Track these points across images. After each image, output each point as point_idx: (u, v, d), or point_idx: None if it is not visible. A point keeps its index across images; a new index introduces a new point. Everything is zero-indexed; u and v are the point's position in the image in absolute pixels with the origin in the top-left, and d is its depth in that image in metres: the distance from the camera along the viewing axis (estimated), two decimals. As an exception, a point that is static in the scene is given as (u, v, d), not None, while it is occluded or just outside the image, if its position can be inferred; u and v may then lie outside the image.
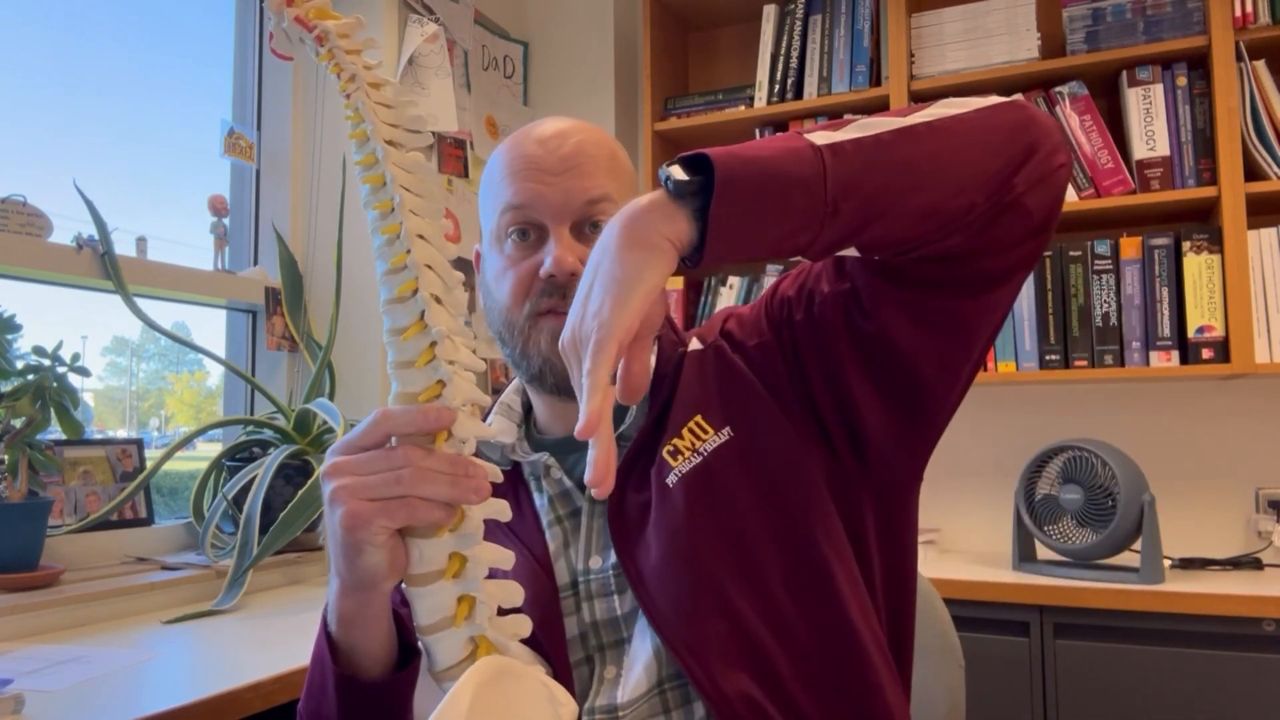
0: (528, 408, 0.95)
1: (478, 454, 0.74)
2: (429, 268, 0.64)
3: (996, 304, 0.76)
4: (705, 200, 0.64)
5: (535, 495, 0.90)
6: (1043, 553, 1.97)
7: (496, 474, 0.64)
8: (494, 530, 0.81)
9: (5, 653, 1.22)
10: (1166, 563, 1.90)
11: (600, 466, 0.60)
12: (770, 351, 0.84)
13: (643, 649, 0.80)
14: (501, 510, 0.64)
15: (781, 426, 0.82)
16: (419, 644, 0.63)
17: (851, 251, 0.72)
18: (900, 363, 0.77)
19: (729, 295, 2.33)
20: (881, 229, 0.68)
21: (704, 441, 0.82)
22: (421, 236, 0.65)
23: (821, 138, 0.66)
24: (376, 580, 0.64)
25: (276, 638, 1.32)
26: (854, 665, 0.79)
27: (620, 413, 0.88)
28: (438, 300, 0.64)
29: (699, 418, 0.84)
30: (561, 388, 0.86)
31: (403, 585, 0.64)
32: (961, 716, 1.12)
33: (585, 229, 0.85)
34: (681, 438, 0.83)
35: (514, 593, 0.64)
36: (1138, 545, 1.76)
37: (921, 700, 1.09)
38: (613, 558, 0.83)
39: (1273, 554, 2.00)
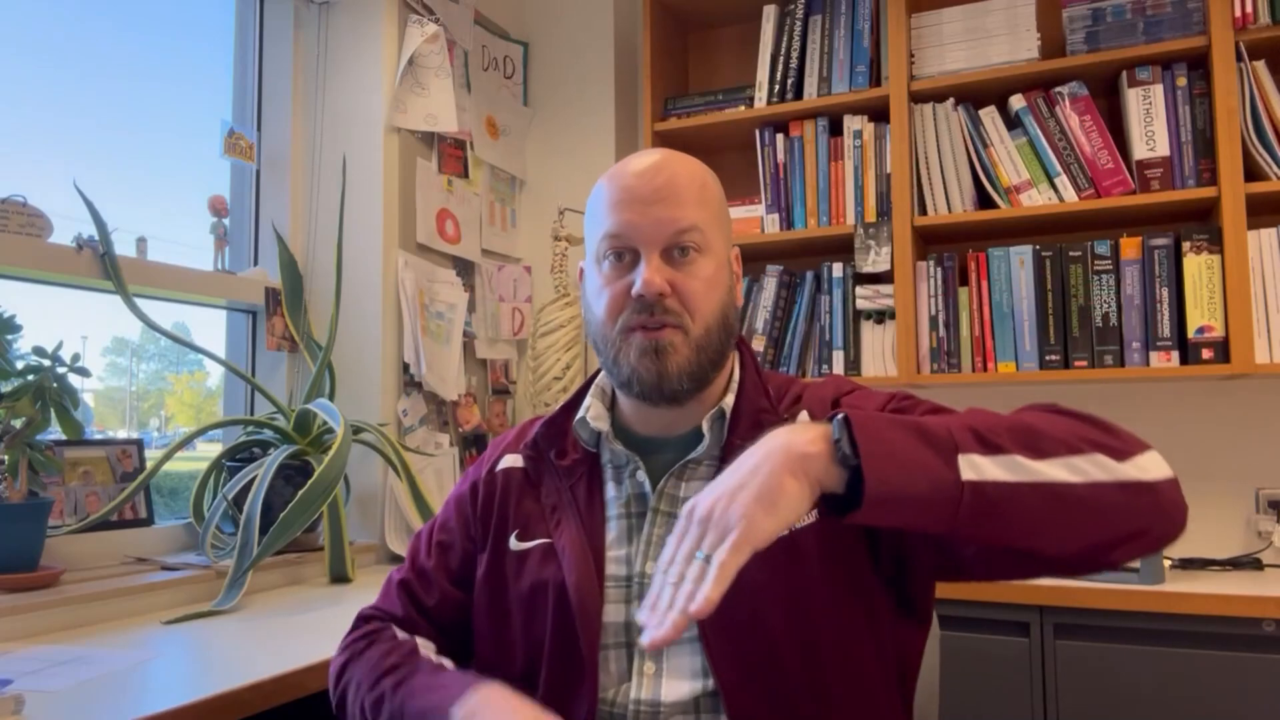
0: (614, 395, 1.05)
1: (573, 431, 1.02)
2: None
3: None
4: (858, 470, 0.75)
5: (610, 484, 1.00)
6: (1043, 553, 1.97)
7: None
8: (565, 508, 0.98)
9: (5, 653, 1.22)
10: (1166, 563, 1.90)
11: (667, 635, 0.71)
12: None
13: (690, 662, 0.91)
14: None
15: (849, 530, 0.91)
16: None
17: None
18: (976, 564, 0.89)
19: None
20: (987, 545, 0.83)
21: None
22: None
23: (971, 468, 0.75)
24: None
25: (276, 638, 1.32)
26: (866, 710, 0.91)
27: (693, 440, 0.98)
28: None
29: None
30: (646, 395, 0.96)
31: None
32: (936, 670, 1.18)
33: (674, 254, 0.95)
34: None
35: None
36: (1138, 545, 1.76)
37: None
38: None
39: (1273, 554, 2.00)
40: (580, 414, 1.02)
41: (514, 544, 1.00)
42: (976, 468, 0.75)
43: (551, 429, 1.04)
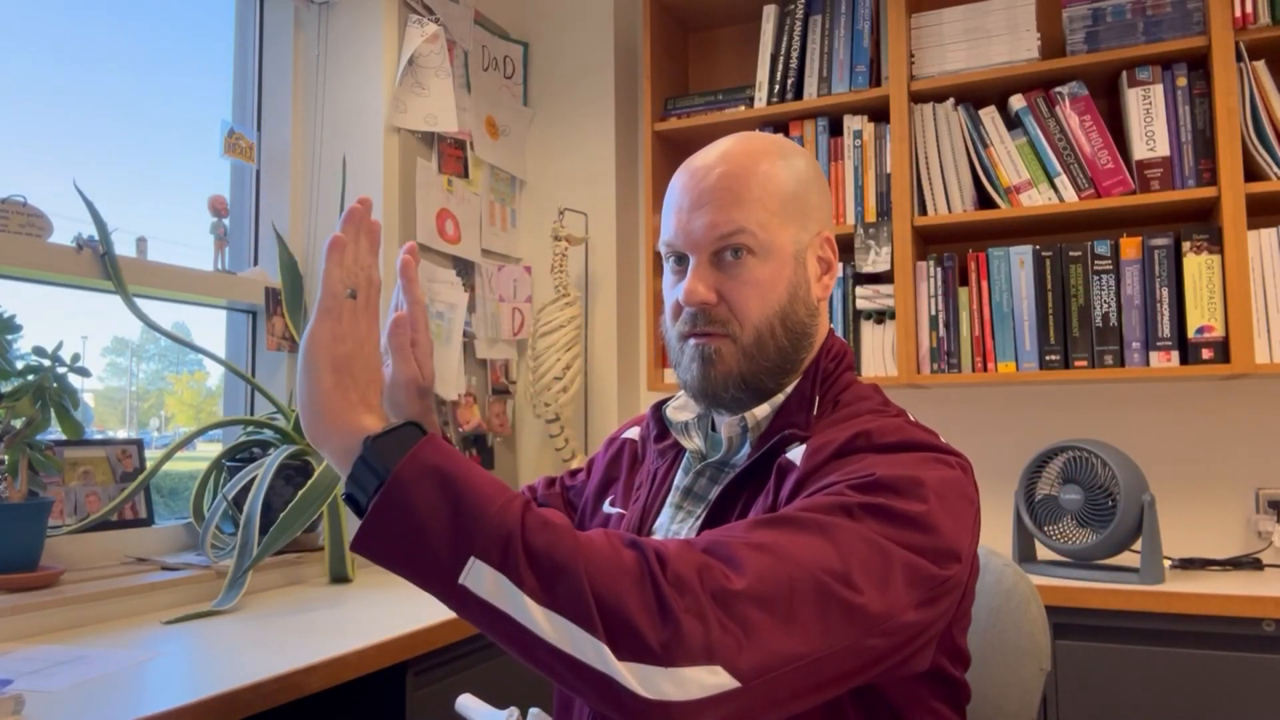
0: None
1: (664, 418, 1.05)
2: None
3: None
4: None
5: (680, 473, 1.02)
6: (1043, 553, 1.97)
7: None
8: (645, 487, 1.01)
9: (5, 653, 1.22)
10: (1166, 563, 1.90)
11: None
12: None
13: None
14: None
15: None
16: None
17: None
18: None
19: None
20: None
21: None
22: None
23: (473, 576, 0.69)
24: None
25: (276, 638, 1.32)
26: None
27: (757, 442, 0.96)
28: None
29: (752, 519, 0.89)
30: (697, 400, 0.97)
31: None
32: (1032, 714, 1.14)
33: (725, 256, 0.93)
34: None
35: None
36: (1138, 545, 1.76)
37: (994, 694, 1.13)
38: None
39: (1273, 554, 2.00)
40: (667, 406, 1.06)
41: (606, 507, 1.07)
42: (478, 579, 0.69)
43: (658, 412, 1.07)
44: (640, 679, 0.66)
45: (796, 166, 0.96)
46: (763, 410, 0.95)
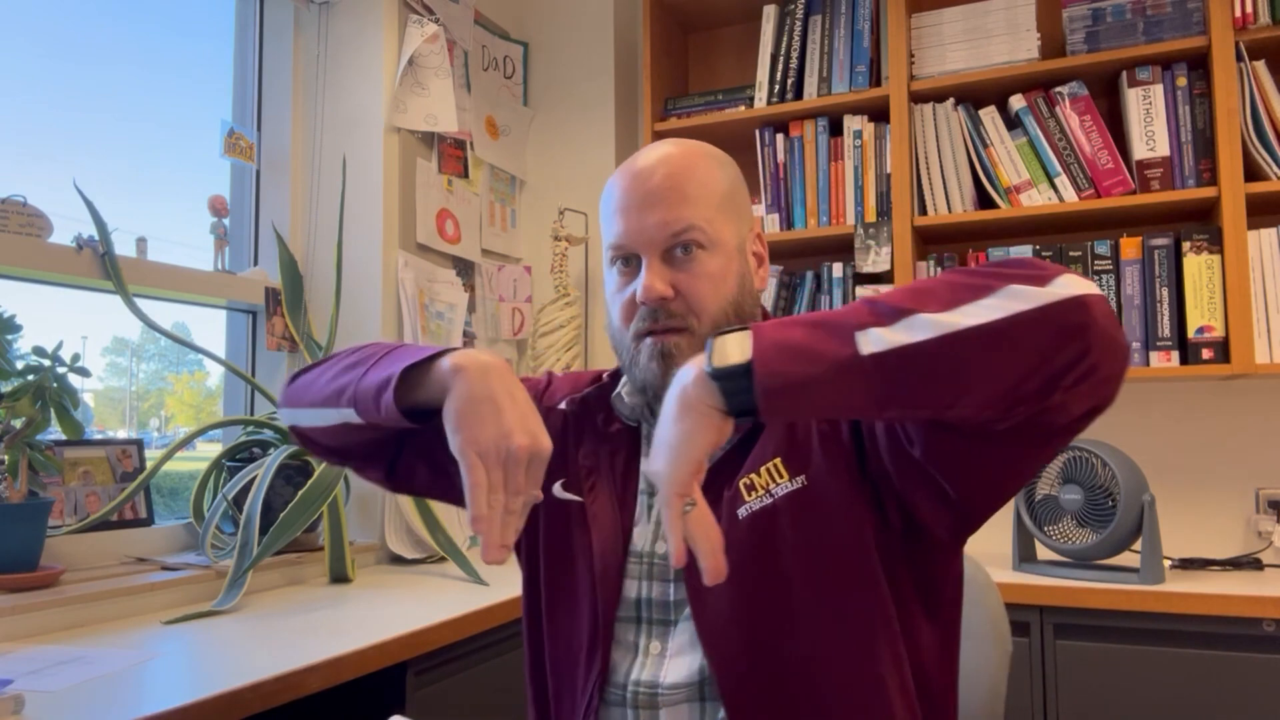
0: None
1: (612, 404, 1.03)
2: None
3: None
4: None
5: (644, 459, 1.01)
6: (1043, 553, 1.97)
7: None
8: (601, 475, 1.00)
9: (5, 653, 1.22)
10: (1166, 563, 1.90)
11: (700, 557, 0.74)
12: (841, 426, 0.93)
13: (691, 646, 0.91)
14: None
15: (848, 488, 0.90)
16: None
17: None
18: (955, 482, 0.85)
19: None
20: (921, 420, 0.79)
21: (778, 484, 0.90)
22: None
23: (871, 341, 0.70)
24: None
25: (276, 638, 1.32)
26: (875, 712, 0.87)
27: None
28: None
29: (778, 460, 0.92)
30: (658, 398, 0.95)
31: None
32: (1001, 696, 1.19)
33: (676, 253, 0.94)
34: (759, 475, 0.92)
35: None
36: (1138, 545, 1.76)
37: (967, 681, 1.18)
38: None
39: (1273, 554, 2.00)
40: (618, 390, 1.03)
41: (558, 491, 1.02)
42: (877, 339, 0.70)
43: (602, 393, 1.05)
44: (1065, 286, 0.69)
45: (726, 168, 1.00)
46: None
